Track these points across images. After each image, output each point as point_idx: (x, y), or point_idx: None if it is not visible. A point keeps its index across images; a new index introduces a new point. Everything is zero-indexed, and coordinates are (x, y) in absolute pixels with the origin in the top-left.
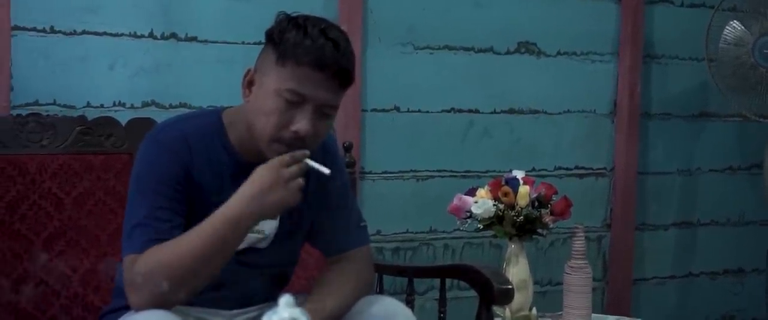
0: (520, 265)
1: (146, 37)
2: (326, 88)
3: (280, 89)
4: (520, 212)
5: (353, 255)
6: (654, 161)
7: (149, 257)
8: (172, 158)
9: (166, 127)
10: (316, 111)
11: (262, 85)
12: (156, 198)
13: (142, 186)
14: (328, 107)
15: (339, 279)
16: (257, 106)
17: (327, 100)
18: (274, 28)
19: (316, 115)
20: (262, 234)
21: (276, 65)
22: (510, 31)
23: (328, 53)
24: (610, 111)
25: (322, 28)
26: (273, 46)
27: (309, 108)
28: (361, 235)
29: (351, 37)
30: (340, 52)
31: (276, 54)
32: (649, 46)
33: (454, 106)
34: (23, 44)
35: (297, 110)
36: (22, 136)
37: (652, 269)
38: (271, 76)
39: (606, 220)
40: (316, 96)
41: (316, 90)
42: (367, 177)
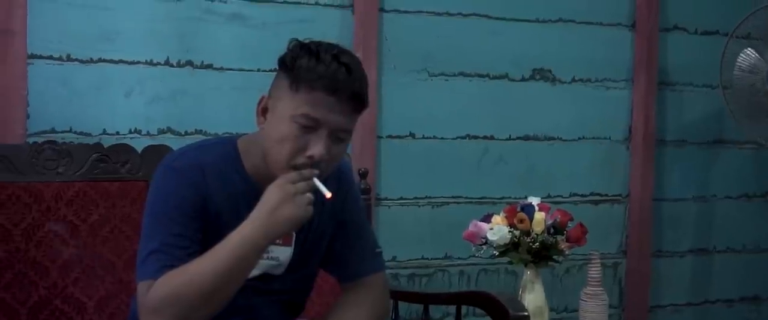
0: (535, 292)
1: (162, 64)
2: (340, 112)
3: (294, 115)
4: (536, 239)
5: (368, 281)
6: (669, 188)
7: (164, 283)
8: (187, 186)
9: (181, 155)
10: (331, 135)
11: (276, 112)
12: (171, 225)
13: (157, 213)
14: (342, 131)
15: (354, 307)
16: (272, 133)
17: (341, 124)
18: (286, 55)
19: (331, 140)
20: (276, 261)
21: (290, 91)
22: (525, 58)
23: (340, 77)
24: (625, 137)
25: (334, 53)
26: (286, 72)
27: (323, 132)
28: (376, 262)
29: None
30: (353, 75)
31: (289, 80)
32: (664, 73)
33: (469, 132)
34: (40, 72)
35: (311, 135)
36: (38, 164)
37: (669, 296)
38: (285, 102)
39: (622, 247)
40: (329, 120)
41: (329, 114)
42: (382, 204)
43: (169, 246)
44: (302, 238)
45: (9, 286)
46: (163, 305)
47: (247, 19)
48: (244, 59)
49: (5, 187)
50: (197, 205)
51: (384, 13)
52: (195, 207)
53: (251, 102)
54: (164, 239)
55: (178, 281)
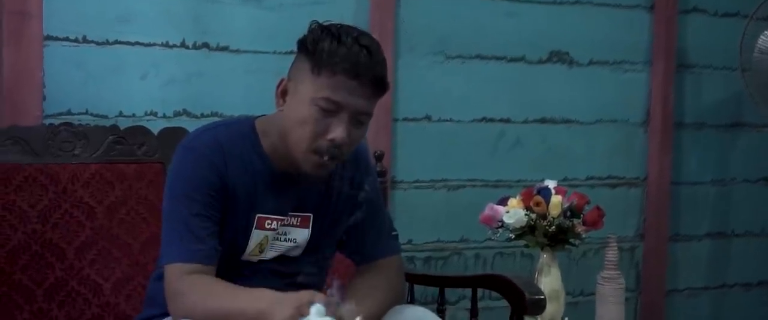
0: (552, 275)
1: (178, 46)
2: (361, 95)
3: (315, 98)
4: (552, 222)
5: (384, 264)
6: (687, 171)
7: (200, 288)
8: (207, 166)
9: (200, 135)
10: (352, 119)
11: (297, 94)
12: (192, 205)
13: (178, 194)
14: (363, 114)
15: (369, 289)
16: (292, 115)
17: (362, 108)
18: (307, 37)
19: (351, 123)
20: (293, 242)
21: (311, 74)
22: (542, 41)
23: (362, 60)
24: (643, 120)
25: (355, 36)
26: (307, 55)
27: (344, 116)
28: (392, 244)
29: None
30: (374, 59)
31: (310, 63)
32: (683, 56)
33: (485, 115)
34: (56, 54)
35: (332, 119)
36: (54, 145)
37: (686, 280)
38: (306, 85)
39: (639, 230)
40: (351, 104)
41: (351, 97)
42: (398, 187)
43: (193, 227)
44: (320, 221)
45: (26, 268)
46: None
47: (263, 1)
48: (259, 41)
49: (22, 169)
50: (216, 185)
51: None
52: (215, 187)
53: (267, 84)
54: (186, 220)
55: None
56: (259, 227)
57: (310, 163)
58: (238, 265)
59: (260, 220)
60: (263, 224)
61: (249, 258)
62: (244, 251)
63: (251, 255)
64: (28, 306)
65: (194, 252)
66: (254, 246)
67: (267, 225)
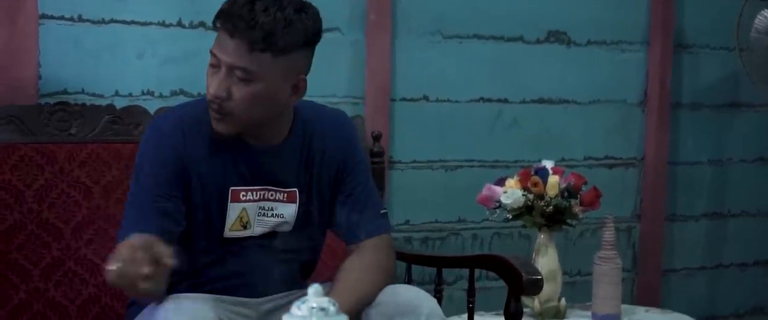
0: (549, 255)
1: (175, 25)
2: (234, 49)
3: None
4: (550, 202)
5: (373, 243)
6: (684, 151)
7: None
8: (167, 145)
9: (165, 115)
10: (229, 73)
11: None
12: (148, 185)
13: (138, 173)
14: (238, 69)
15: (358, 271)
16: None
17: (235, 62)
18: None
19: (230, 78)
20: (281, 217)
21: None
22: (540, 20)
23: (240, 14)
24: (640, 101)
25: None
26: None
27: (221, 70)
28: (381, 223)
29: (379, 26)
30: (256, 15)
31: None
32: (680, 36)
33: (483, 95)
34: (51, 33)
35: (215, 74)
36: (50, 125)
37: (682, 260)
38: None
39: (636, 211)
40: (223, 57)
41: (224, 51)
42: (395, 167)
43: (144, 208)
44: (305, 195)
45: (22, 247)
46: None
47: None
48: None
49: (18, 148)
50: (174, 166)
51: None
52: (172, 168)
53: None
54: (141, 200)
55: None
56: (234, 200)
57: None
58: (224, 243)
59: (234, 193)
60: (238, 196)
61: (234, 235)
62: (225, 227)
63: (234, 231)
64: (25, 285)
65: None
66: (234, 220)
67: (242, 197)
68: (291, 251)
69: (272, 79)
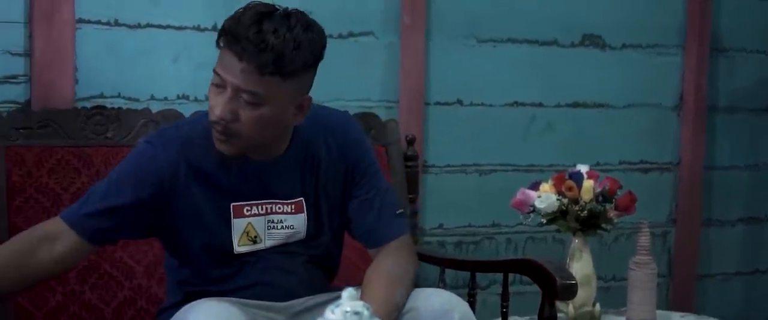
0: (583, 260)
1: (210, 30)
2: (241, 72)
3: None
4: (584, 207)
5: (394, 246)
6: (721, 155)
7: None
8: (151, 162)
9: (164, 131)
10: (235, 96)
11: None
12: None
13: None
14: (246, 92)
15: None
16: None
17: (242, 85)
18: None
19: (237, 101)
20: (292, 228)
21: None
22: (575, 24)
23: (244, 33)
24: (676, 104)
25: (261, 13)
26: None
27: (227, 92)
28: (399, 224)
29: (414, 30)
30: (264, 37)
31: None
32: (716, 39)
33: (517, 99)
34: (88, 37)
35: (219, 94)
36: (87, 129)
37: (718, 265)
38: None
39: (671, 215)
40: (230, 79)
41: (230, 73)
42: (429, 171)
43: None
44: (313, 204)
45: None
46: None
47: None
48: None
49: (55, 152)
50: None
51: None
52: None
53: None
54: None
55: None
56: (238, 215)
57: (214, 138)
58: (236, 258)
59: (236, 208)
60: (241, 212)
61: (244, 250)
62: (233, 244)
63: (244, 246)
64: (61, 288)
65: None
66: (240, 235)
67: (246, 212)
68: (309, 256)
69: (280, 101)
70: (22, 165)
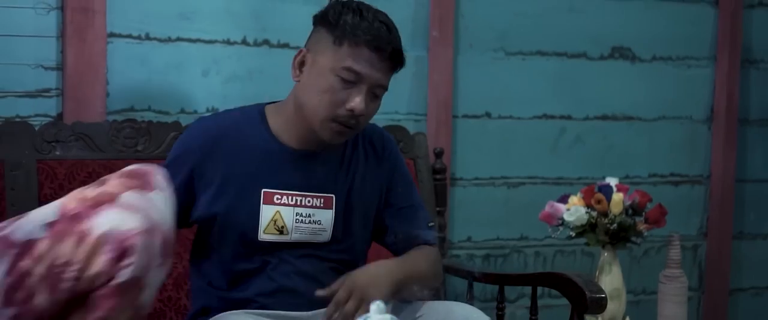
0: (613, 274)
1: (239, 43)
2: (380, 68)
3: (336, 68)
4: (614, 220)
5: (423, 249)
6: (752, 168)
7: None
8: (191, 146)
9: (204, 119)
10: (369, 91)
11: (316, 65)
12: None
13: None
14: (379, 87)
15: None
16: (311, 85)
17: (380, 80)
18: (328, 11)
19: (368, 95)
20: (318, 224)
21: (332, 45)
22: (604, 36)
23: (383, 34)
24: (706, 117)
25: (374, 12)
26: (328, 27)
27: (363, 87)
28: (430, 234)
29: (442, 42)
30: (393, 34)
31: (333, 35)
32: (748, 51)
33: (546, 112)
34: (119, 51)
35: (352, 89)
36: (118, 142)
37: (750, 279)
38: (327, 56)
39: (702, 229)
40: (371, 75)
41: (371, 69)
42: (458, 184)
43: None
44: (343, 202)
45: None
46: None
47: None
48: None
49: (86, 165)
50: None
51: None
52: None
53: None
54: None
55: None
56: (267, 202)
57: (328, 131)
58: (260, 248)
59: (267, 195)
60: (272, 199)
61: (268, 239)
62: (258, 228)
63: (268, 234)
64: None
65: None
66: (268, 222)
67: (276, 200)
68: (332, 261)
69: None
70: (53, 179)
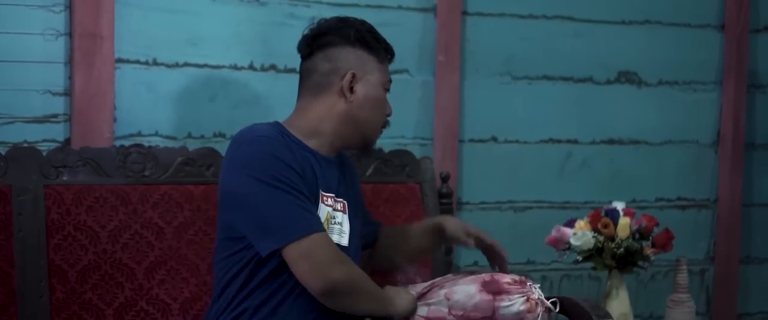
0: (620, 298)
1: (246, 68)
2: None
3: (385, 82)
4: (621, 244)
5: None
6: (759, 193)
7: (352, 266)
8: (286, 148)
9: (255, 128)
10: None
11: (368, 83)
12: (299, 188)
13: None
14: None
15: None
16: (368, 101)
17: None
18: (363, 34)
19: None
20: (340, 226)
21: (379, 64)
22: (610, 61)
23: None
24: (713, 141)
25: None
26: (367, 49)
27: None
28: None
29: (449, 67)
30: None
31: (375, 55)
32: (754, 76)
33: (552, 136)
34: (127, 76)
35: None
36: (125, 167)
37: (758, 304)
38: (376, 74)
39: (709, 253)
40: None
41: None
42: (464, 208)
43: (302, 204)
44: (351, 209)
45: (96, 287)
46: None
47: None
48: None
49: (93, 190)
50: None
51: (467, 16)
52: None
53: None
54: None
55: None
56: (322, 201)
57: (377, 136)
58: None
59: (321, 196)
60: (323, 199)
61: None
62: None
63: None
64: None
65: (318, 223)
66: (323, 221)
67: (325, 200)
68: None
69: None
70: (61, 204)
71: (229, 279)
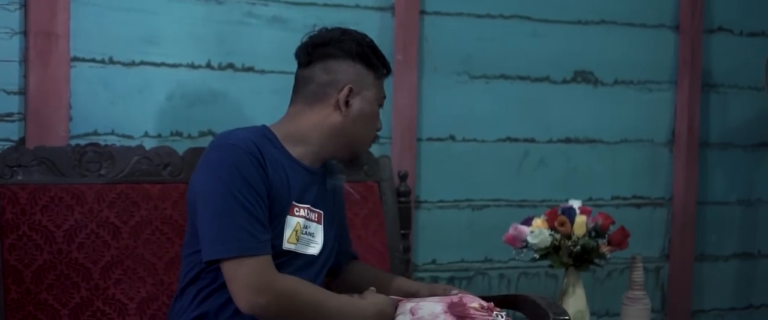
0: (576, 296)
1: (203, 67)
2: None
3: (379, 98)
4: (577, 242)
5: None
6: (713, 191)
7: (288, 281)
8: (252, 162)
9: (235, 134)
10: None
11: (364, 98)
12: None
13: (230, 190)
14: None
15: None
16: (362, 116)
17: None
18: (364, 49)
19: None
20: (313, 237)
21: (376, 80)
22: (566, 60)
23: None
24: (668, 140)
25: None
26: (366, 64)
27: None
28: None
29: (406, 66)
30: None
31: (374, 71)
32: (708, 75)
33: (509, 135)
34: (82, 75)
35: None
36: (80, 166)
37: (712, 300)
38: (371, 90)
39: (664, 251)
40: None
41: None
42: (422, 206)
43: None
44: (327, 220)
45: (51, 287)
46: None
47: (287, 21)
48: (284, 62)
49: (48, 189)
50: (263, 179)
51: (425, 15)
52: (262, 182)
53: None
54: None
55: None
56: (291, 213)
57: (366, 149)
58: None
59: (292, 207)
60: (293, 210)
61: (289, 248)
62: (283, 237)
63: (290, 243)
64: None
65: (265, 244)
66: (291, 233)
67: (296, 212)
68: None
69: None
70: (15, 204)
71: (192, 278)
